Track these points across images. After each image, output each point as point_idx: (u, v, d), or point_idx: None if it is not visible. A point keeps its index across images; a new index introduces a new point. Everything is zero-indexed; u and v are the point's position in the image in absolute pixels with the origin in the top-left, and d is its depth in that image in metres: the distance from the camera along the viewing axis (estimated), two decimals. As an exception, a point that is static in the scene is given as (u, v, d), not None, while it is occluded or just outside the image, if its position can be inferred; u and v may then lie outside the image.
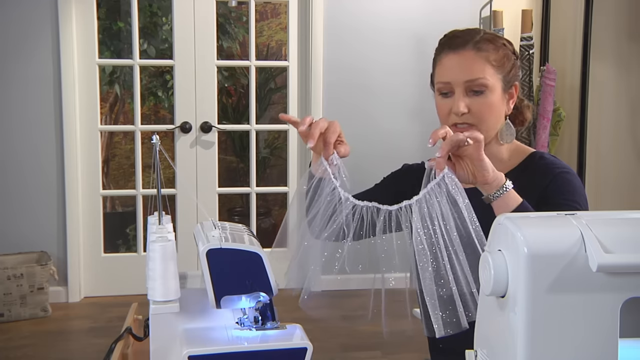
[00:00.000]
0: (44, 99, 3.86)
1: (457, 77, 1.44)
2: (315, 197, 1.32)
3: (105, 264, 4.08)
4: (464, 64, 1.44)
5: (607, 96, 4.13)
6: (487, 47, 1.45)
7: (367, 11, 4.11)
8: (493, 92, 1.44)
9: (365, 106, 4.15)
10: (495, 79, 1.44)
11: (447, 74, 1.46)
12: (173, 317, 1.20)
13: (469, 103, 1.44)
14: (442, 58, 1.49)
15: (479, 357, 0.92)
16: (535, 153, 1.52)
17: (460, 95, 1.44)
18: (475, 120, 1.44)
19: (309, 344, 1.18)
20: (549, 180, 1.43)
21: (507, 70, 1.47)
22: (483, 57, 1.44)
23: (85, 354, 3.28)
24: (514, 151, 1.53)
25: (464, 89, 1.44)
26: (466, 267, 1.19)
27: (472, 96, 1.44)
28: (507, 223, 0.84)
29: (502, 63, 1.46)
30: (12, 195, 3.89)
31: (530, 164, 1.50)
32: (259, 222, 4.70)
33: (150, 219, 1.22)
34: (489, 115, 1.45)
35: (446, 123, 1.47)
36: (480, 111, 1.44)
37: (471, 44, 1.45)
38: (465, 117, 1.44)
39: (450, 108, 1.46)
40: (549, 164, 1.47)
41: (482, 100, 1.44)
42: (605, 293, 0.79)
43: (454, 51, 1.46)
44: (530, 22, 4.05)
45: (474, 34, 1.47)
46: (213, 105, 4.09)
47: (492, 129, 1.47)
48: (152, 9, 5.56)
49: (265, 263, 1.20)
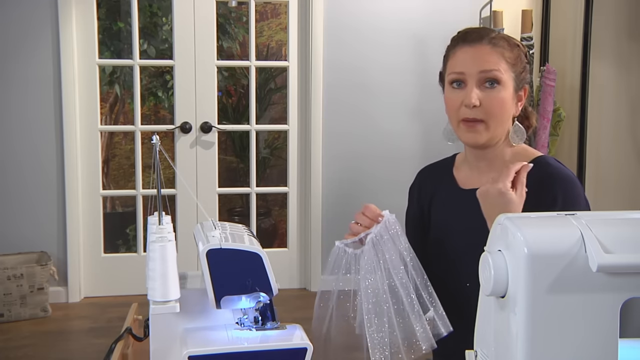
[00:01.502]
0: (44, 99, 3.86)
1: (472, 68, 1.42)
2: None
3: (105, 264, 4.08)
4: (479, 56, 1.42)
5: (607, 96, 4.13)
6: (502, 43, 1.44)
7: (367, 11, 4.11)
8: (506, 88, 1.42)
9: (365, 106, 4.15)
10: (508, 76, 1.42)
11: (461, 65, 1.44)
12: (173, 317, 1.20)
13: (481, 96, 1.41)
14: (455, 51, 1.46)
15: (479, 357, 0.92)
16: (539, 159, 1.47)
17: (472, 86, 1.41)
18: (486, 115, 1.42)
19: (309, 344, 1.18)
20: (555, 193, 1.40)
21: (519, 71, 1.45)
22: (498, 52, 1.42)
23: (85, 354, 3.28)
24: (519, 154, 1.50)
25: (477, 81, 1.41)
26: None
27: (484, 89, 1.41)
28: (507, 223, 0.84)
29: (516, 62, 1.44)
30: (12, 195, 3.89)
31: (537, 169, 1.44)
32: (259, 222, 4.70)
33: (150, 219, 1.22)
34: (500, 111, 1.42)
35: (455, 117, 1.45)
36: (492, 105, 1.41)
37: (487, 39, 1.43)
38: (475, 111, 1.41)
39: (461, 101, 1.43)
40: (555, 174, 1.43)
41: (495, 94, 1.41)
42: (605, 293, 0.79)
43: (469, 44, 1.44)
44: (530, 22, 4.05)
45: (489, 31, 1.46)
46: (213, 106, 4.09)
47: (500, 127, 1.44)
48: (152, 9, 5.56)
49: (265, 263, 1.20)
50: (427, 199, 1.61)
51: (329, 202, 4.14)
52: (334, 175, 4.13)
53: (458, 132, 1.47)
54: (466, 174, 1.55)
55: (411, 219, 1.66)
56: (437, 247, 1.54)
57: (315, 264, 4.17)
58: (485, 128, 1.43)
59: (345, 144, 4.12)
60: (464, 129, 1.44)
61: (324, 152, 4.11)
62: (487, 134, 1.43)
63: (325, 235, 4.16)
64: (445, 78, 1.50)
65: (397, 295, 1.27)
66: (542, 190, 1.40)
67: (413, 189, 1.68)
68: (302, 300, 3.96)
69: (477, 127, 1.43)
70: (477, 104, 1.41)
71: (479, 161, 1.51)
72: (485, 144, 1.45)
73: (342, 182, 4.14)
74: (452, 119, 1.47)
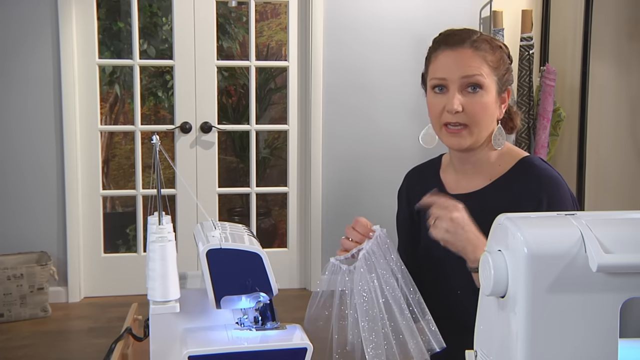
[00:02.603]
0: (44, 99, 3.86)
1: (453, 73, 1.40)
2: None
3: (105, 264, 4.08)
4: (461, 60, 1.40)
5: (607, 96, 4.13)
6: (485, 46, 1.41)
7: (367, 11, 4.11)
8: (488, 93, 1.40)
9: (365, 106, 4.15)
10: (490, 80, 1.41)
11: (442, 70, 1.42)
12: (173, 317, 1.20)
13: (463, 101, 1.39)
14: (437, 55, 1.44)
15: (478, 357, 0.92)
16: (524, 160, 1.46)
17: (454, 92, 1.40)
18: (469, 120, 1.40)
19: (309, 344, 1.18)
20: (540, 195, 1.39)
21: (502, 73, 1.43)
22: (480, 55, 1.40)
23: (85, 354, 3.28)
24: (504, 155, 1.48)
25: (459, 86, 1.40)
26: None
27: (466, 95, 1.40)
28: (507, 223, 0.84)
29: (498, 65, 1.42)
30: (12, 195, 3.89)
31: (521, 171, 1.45)
32: (259, 222, 4.70)
33: (150, 219, 1.22)
34: (483, 116, 1.41)
35: (438, 122, 1.44)
36: (475, 110, 1.39)
37: (469, 42, 1.41)
38: (458, 116, 1.40)
39: (443, 106, 1.41)
40: (540, 175, 1.42)
41: (477, 99, 1.40)
42: (605, 293, 0.79)
43: (450, 48, 1.42)
44: (530, 22, 4.05)
45: (471, 34, 1.44)
46: (213, 106, 4.09)
47: (484, 131, 1.43)
48: (152, 9, 5.56)
49: (265, 263, 1.20)
50: (415, 201, 1.60)
51: (329, 202, 4.14)
52: (333, 175, 4.13)
53: (441, 136, 1.46)
54: (453, 177, 1.54)
55: (402, 222, 1.65)
56: (427, 254, 1.53)
57: (315, 264, 4.17)
58: (469, 133, 1.41)
59: (345, 143, 4.12)
60: (447, 134, 1.43)
61: (324, 152, 4.11)
62: (470, 138, 1.42)
63: (325, 235, 4.16)
64: (427, 82, 1.48)
65: (391, 311, 1.27)
66: (526, 192, 1.40)
67: (402, 193, 1.66)
68: (302, 300, 3.96)
69: (460, 132, 1.41)
70: (460, 109, 1.39)
71: (464, 164, 1.50)
72: (469, 147, 1.44)
73: (342, 182, 4.14)
74: (435, 124, 1.46)
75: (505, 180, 1.45)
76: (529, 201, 1.38)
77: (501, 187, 1.45)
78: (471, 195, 1.47)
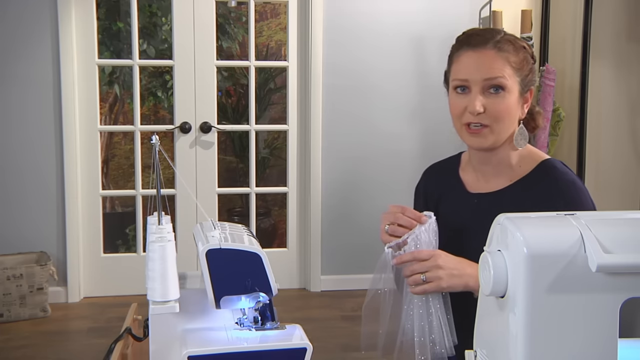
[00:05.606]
0: (44, 99, 3.86)
1: (476, 75, 1.40)
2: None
3: (104, 264, 4.08)
4: (483, 62, 1.40)
5: (607, 96, 4.13)
6: (508, 47, 1.41)
7: (367, 11, 4.10)
8: (510, 94, 1.40)
9: (364, 106, 4.15)
10: (513, 81, 1.40)
11: (464, 71, 1.42)
12: (173, 318, 1.20)
13: (485, 103, 1.39)
14: (460, 55, 1.44)
15: (478, 357, 0.92)
16: (545, 163, 1.47)
17: (477, 93, 1.40)
18: (490, 121, 1.40)
19: (308, 344, 1.18)
20: (559, 200, 1.40)
21: (525, 74, 1.43)
22: (503, 57, 1.40)
23: (85, 354, 3.27)
24: (525, 157, 1.49)
25: (482, 88, 1.40)
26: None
27: (489, 96, 1.40)
28: (507, 223, 0.84)
29: (521, 66, 1.42)
30: (12, 195, 3.88)
31: (542, 174, 1.45)
32: (258, 222, 4.70)
33: (150, 219, 1.22)
34: (505, 117, 1.41)
35: (459, 122, 1.44)
36: (497, 112, 1.40)
37: (492, 43, 1.40)
38: (480, 117, 1.40)
39: (465, 106, 1.42)
40: (561, 180, 1.43)
41: (499, 100, 1.40)
42: (605, 293, 0.79)
43: (473, 49, 1.41)
44: (530, 22, 4.05)
45: (495, 34, 1.43)
46: (213, 106, 4.09)
47: (506, 131, 1.43)
48: (152, 9, 5.56)
49: (265, 263, 1.20)
50: (433, 198, 1.61)
51: (329, 202, 4.14)
52: (333, 175, 4.13)
53: (462, 136, 1.46)
54: (472, 176, 1.55)
55: None
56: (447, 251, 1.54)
57: (315, 264, 4.17)
58: (490, 132, 1.42)
59: (345, 144, 4.12)
60: (468, 134, 1.44)
61: (324, 152, 4.11)
62: (492, 137, 1.42)
63: (324, 235, 4.16)
64: (449, 81, 1.48)
65: (436, 298, 1.35)
66: (547, 195, 1.40)
67: (419, 189, 1.67)
68: (301, 300, 3.96)
69: (482, 131, 1.42)
70: (481, 110, 1.39)
71: (484, 165, 1.50)
72: (490, 147, 1.44)
73: (341, 182, 4.14)
74: (456, 123, 1.46)
75: (525, 183, 1.45)
76: (548, 205, 1.37)
77: (521, 189, 1.45)
78: (490, 196, 1.48)
